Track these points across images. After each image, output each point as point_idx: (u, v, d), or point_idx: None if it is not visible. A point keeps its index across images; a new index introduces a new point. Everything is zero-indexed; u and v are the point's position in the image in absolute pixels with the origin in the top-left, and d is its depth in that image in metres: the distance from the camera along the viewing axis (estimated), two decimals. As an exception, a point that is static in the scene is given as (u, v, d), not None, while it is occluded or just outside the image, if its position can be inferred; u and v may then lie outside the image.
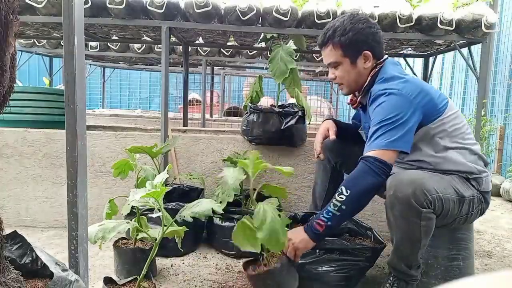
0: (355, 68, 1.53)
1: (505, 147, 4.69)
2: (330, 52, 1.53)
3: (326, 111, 7.09)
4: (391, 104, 1.38)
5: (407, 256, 1.40)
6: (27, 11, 2.22)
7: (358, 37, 1.48)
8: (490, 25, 2.17)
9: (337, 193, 1.35)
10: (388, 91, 1.40)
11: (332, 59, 1.54)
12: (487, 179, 1.52)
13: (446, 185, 1.38)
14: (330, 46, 1.52)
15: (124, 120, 5.04)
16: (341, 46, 1.49)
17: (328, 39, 1.52)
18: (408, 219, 1.32)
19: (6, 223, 0.92)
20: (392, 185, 1.34)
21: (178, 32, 2.61)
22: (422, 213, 1.30)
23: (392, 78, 1.46)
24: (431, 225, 1.34)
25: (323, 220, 1.36)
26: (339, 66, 1.54)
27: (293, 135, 2.26)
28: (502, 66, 5.08)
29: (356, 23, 1.48)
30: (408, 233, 1.35)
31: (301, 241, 1.39)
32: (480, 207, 1.49)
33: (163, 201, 1.36)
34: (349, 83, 1.57)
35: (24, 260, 1.08)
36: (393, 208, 1.34)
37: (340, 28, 1.49)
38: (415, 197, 1.29)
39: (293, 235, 1.41)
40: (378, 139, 1.35)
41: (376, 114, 1.40)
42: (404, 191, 1.30)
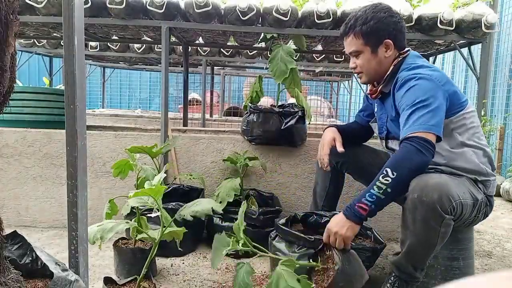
0: (376, 57, 1.54)
1: (505, 147, 4.69)
2: (352, 41, 1.54)
3: (326, 111, 7.09)
4: (423, 87, 1.37)
5: (417, 260, 1.38)
6: (27, 11, 2.22)
7: (379, 26, 1.49)
8: (490, 25, 2.17)
9: (381, 175, 1.29)
10: (418, 75, 1.40)
11: (354, 48, 1.55)
12: (494, 182, 1.52)
13: (465, 190, 1.37)
14: (351, 35, 1.54)
15: (124, 120, 5.05)
16: (362, 34, 1.51)
17: (350, 28, 1.54)
18: (429, 224, 1.28)
19: (6, 223, 0.92)
20: (416, 188, 1.29)
21: (178, 32, 2.61)
22: (444, 220, 1.27)
23: (420, 66, 1.48)
24: (448, 231, 1.32)
25: (366, 204, 1.30)
26: (360, 54, 1.55)
27: (293, 135, 2.26)
28: (502, 66, 5.08)
29: (378, 12, 1.51)
30: (425, 237, 1.31)
31: (348, 229, 1.32)
32: (485, 210, 1.49)
33: (162, 201, 1.36)
34: (369, 71, 1.57)
35: (24, 260, 1.08)
36: (415, 211, 1.29)
37: (361, 17, 1.51)
38: (441, 203, 1.26)
39: (337, 226, 1.34)
40: (419, 120, 1.33)
41: (408, 97, 1.39)
42: (430, 196, 1.26)
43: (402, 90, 1.43)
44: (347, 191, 2.37)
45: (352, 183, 2.30)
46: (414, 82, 1.39)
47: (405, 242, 1.37)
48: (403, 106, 1.40)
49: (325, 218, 1.86)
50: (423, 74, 1.40)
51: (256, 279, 1.73)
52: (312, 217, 1.88)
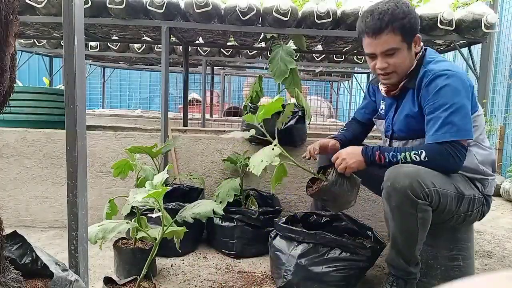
0: (410, 53, 1.46)
1: (505, 147, 4.69)
2: (389, 37, 1.41)
3: (326, 111, 7.10)
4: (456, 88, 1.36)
5: (404, 250, 1.40)
6: (27, 11, 2.22)
7: (414, 21, 1.42)
8: (490, 25, 2.17)
9: (414, 150, 1.37)
10: (449, 72, 1.37)
11: (391, 45, 1.42)
12: (493, 182, 1.52)
13: (445, 181, 1.38)
14: (390, 31, 1.40)
15: (124, 120, 5.05)
16: (402, 30, 1.40)
17: (387, 23, 1.39)
18: (404, 210, 1.33)
19: (6, 223, 0.92)
20: (390, 177, 1.36)
21: (178, 32, 2.61)
22: (418, 204, 1.31)
23: (444, 60, 1.46)
24: (427, 217, 1.34)
25: (385, 158, 1.42)
26: (396, 53, 1.43)
27: (293, 135, 2.26)
28: (502, 66, 5.08)
29: (409, 6, 1.43)
30: (404, 224, 1.35)
31: (355, 162, 1.47)
32: (481, 208, 1.49)
33: (163, 201, 1.36)
34: (403, 70, 1.47)
35: (24, 260, 1.08)
36: (389, 198, 1.35)
37: (398, 11, 1.39)
38: (412, 188, 1.30)
39: (348, 155, 1.49)
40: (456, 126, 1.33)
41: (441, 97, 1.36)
42: (402, 183, 1.31)
43: (432, 87, 1.39)
44: (347, 191, 2.36)
45: (352, 183, 2.30)
46: (446, 81, 1.36)
47: (390, 233, 1.42)
48: (435, 106, 1.37)
49: (325, 218, 1.86)
50: (452, 71, 1.38)
51: (256, 279, 1.73)
52: (312, 217, 1.88)
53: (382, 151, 1.44)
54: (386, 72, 1.48)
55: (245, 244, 1.97)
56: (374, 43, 1.43)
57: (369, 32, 1.43)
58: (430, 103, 1.39)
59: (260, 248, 1.99)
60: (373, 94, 1.78)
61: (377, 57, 1.47)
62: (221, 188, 2.06)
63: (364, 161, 1.47)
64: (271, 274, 1.76)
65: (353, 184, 1.55)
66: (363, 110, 1.84)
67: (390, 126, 1.63)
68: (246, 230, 1.96)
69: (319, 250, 1.56)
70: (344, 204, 1.58)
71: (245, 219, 1.96)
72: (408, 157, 1.38)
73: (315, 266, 1.55)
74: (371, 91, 1.79)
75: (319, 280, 1.54)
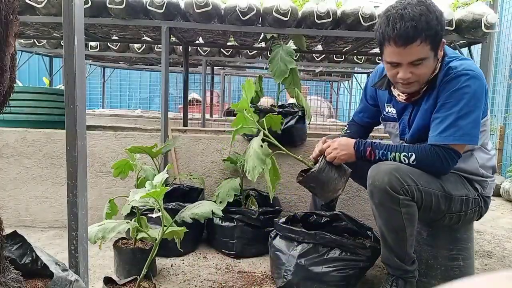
0: (435, 61, 1.36)
1: (505, 147, 4.69)
2: (421, 47, 1.28)
3: (326, 111, 7.10)
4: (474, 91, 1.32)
5: (395, 248, 1.40)
6: (27, 11, 2.22)
7: (441, 27, 1.30)
8: (490, 25, 2.17)
9: (404, 152, 1.39)
10: (471, 73, 1.33)
11: (421, 55, 1.30)
12: (492, 184, 1.52)
13: (428, 179, 1.37)
14: (422, 41, 1.27)
15: (124, 120, 5.04)
16: (434, 38, 1.28)
17: (421, 32, 1.25)
18: (387, 206, 1.35)
19: (6, 223, 0.92)
20: (371, 175, 1.38)
21: (178, 32, 2.61)
22: (399, 200, 1.32)
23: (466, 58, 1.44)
24: (412, 212, 1.35)
25: (375, 155, 1.44)
26: (423, 62, 1.31)
27: (293, 135, 2.26)
28: (502, 66, 5.08)
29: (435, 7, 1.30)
30: (390, 220, 1.37)
31: (345, 154, 1.50)
32: (478, 209, 1.49)
33: (163, 201, 1.36)
34: (425, 78, 1.37)
35: (24, 260, 1.08)
36: (372, 196, 1.38)
37: (432, 17, 1.25)
38: (391, 184, 1.31)
39: (340, 146, 1.51)
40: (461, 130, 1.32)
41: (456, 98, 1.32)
42: (381, 180, 1.33)
43: (452, 84, 1.34)
44: (347, 191, 2.37)
45: (352, 183, 2.30)
46: (467, 82, 1.32)
47: (379, 232, 1.44)
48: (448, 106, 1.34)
49: (325, 218, 1.86)
50: (475, 72, 1.34)
51: (256, 279, 1.73)
52: (312, 217, 1.88)
53: (373, 147, 1.45)
54: (408, 82, 1.37)
55: (245, 244, 1.97)
56: (402, 53, 1.30)
57: (398, 41, 1.27)
58: (443, 100, 1.35)
59: (260, 248, 1.99)
60: (372, 98, 1.72)
61: (400, 65, 1.34)
62: (221, 188, 2.06)
63: (355, 154, 1.49)
64: (271, 274, 1.76)
65: (342, 173, 1.60)
66: (361, 114, 1.81)
67: (406, 129, 1.56)
68: (246, 230, 1.96)
69: (319, 250, 1.56)
70: (332, 191, 1.60)
71: (245, 219, 1.96)
72: (398, 158, 1.40)
73: (315, 266, 1.55)
74: (370, 95, 1.72)
75: (319, 280, 1.54)
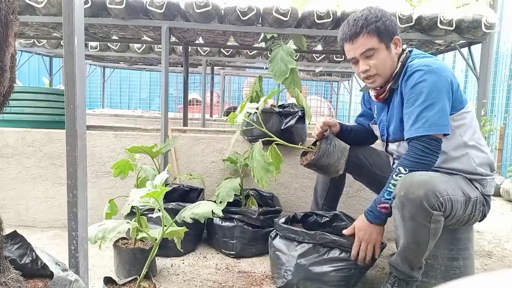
0: (390, 54, 1.51)
1: (505, 147, 4.69)
2: (365, 40, 1.48)
3: (326, 111, 7.10)
4: (432, 82, 1.38)
5: (412, 258, 1.38)
6: (27, 11, 2.22)
7: (389, 23, 1.49)
8: (490, 25, 2.17)
9: (395, 173, 1.40)
10: (427, 67, 1.40)
11: (368, 46, 1.49)
12: (492, 182, 1.52)
13: (454, 186, 1.37)
14: (364, 34, 1.48)
15: (124, 120, 5.05)
16: (377, 31, 1.47)
17: (362, 27, 1.48)
18: (417, 221, 1.30)
19: (6, 223, 0.92)
20: (403, 186, 1.32)
21: (178, 32, 2.61)
22: (432, 216, 1.28)
23: (429, 56, 1.49)
24: (439, 228, 1.32)
25: (386, 202, 1.41)
26: (375, 53, 1.49)
27: (293, 135, 2.26)
28: (502, 66, 5.08)
29: (382, 10, 1.51)
30: (416, 235, 1.32)
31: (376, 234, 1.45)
32: (482, 209, 1.49)
33: (163, 201, 1.36)
34: (384, 71, 1.52)
35: (24, 260, 1.08)
36: (403, 209, 1.32)
37: (371, 16, 1.48)
38: (427, 199, 1.27)
39: (366, 235, 1.46)
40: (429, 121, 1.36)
41: (416, 92, 1.40)
42: (416, 193, 1.28)
43: (410, 81, 1.42)
44: (347, 191, 2.37)
45: (352, 183, 2.30)
46: (424, 76, 1.39)
47: (398, 241, 1.39)
48: (411, 101, 1.41)
49: (325, 218, 1.86)
50: (431, 67, 1.40)
51: (256, 279, 1.73)
52: (312, 217, 1.88)
53: (379, 203, 1.43)
54: (368, 75, 1.53)
55: (245, 244, 1.97)
56: (353, 48, 1.51)
57: (347, 38, 1.52)
58: (407, 97, 1.43)
59: (260, 248, 1.99)
60: (368, 102, 1.83)
61: (358, 61, 1.53)
62: (221, 188, 2.06)
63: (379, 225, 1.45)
64: (271, 274, 1.76)
65: (341, 153, 1.68)
66: (362, 118, 1.90)
67: (385, 130, 1.65)
68: (246, 230, 1.96)
69: (319, 250, 1.56)
70: (334, 173, 1.73)
71: (245, 219, 1.96)
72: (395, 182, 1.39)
73: (315, 266, 1.55)
74: (366, 99, 1.84)
75: (319, 280, 1.54)
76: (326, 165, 1.67)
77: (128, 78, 10.25)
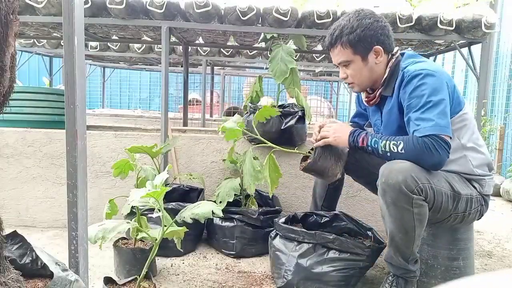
0: (366, 65, 1.51)
1: (505, 147, 4.69)
2: (340, 51, 1.51)
3: (326, 111, 7.10)
4: (432, 85, 1.37)
5: (402, 247, 1.39)
6: (27, 11, 2.22)
7: (366, 33, 1.46)
8: (490, 25, 2.17)
9: (393, 141, 1.38)
10: (425, 71, 1.38)
11: (343, 58, 1.52)
12: (490, 182, 1.52)
13: (439, 178, 1.38)
14: (339, 45, 1.50)
15: (124, 120, 5.05)
16: (351, 44, 1.48)
17: (336, 39, 1.50)
18: (399, 206, 1.33)
19: (6, 223, 0.92)
20: (383, 173, 1.36)
21: (178, 32, 2.61)
22: (413, 199, 1.31)
23: (424, 61, 1.48)
24: (423, 213, 1.34)
25: (368, 140, 1.46)
26: (350, 64, 1.52)
27: (293, 135, 2.26)
28: (502, 66, 5.08)
29: (362, 19, 1.47)
30: (401, 221, 1.35)
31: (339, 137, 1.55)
32: (480, 208, 1.49)
33: (163, 201, 1.36)
34: (361, 81, 1.55)
35: (24, 260, 1.08)
36: (384, 195, 1.36)
37: (347, 26, 1.47)
38: (406, 183, 1.30)
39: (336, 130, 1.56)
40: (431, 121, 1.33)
41: (417, 96, 1.38)
42: (395, 178, 1.32)
43: (409, 87, 1.41)
44: (347, 191, 2.37)
45: (352, 183, 2.30)
46: (422, 80, 1.38)
47: (387, 231, 1.42)
48: (412, 107, 1.39)
49: (325, 218, 1.86)
50: (429, 70, 1.39)
51: (256, 279, 1.73)
52: (312, 217, 1.88)
53: (368, 135, 1.47)
54: (347, 82, 1.59)
55: (245, 244, 1.97)
56: (332, 56, 1.58)
57: (326, 46, 1.59)
58: (407, 103, 1.42)
59: (260, 248, 1.99)
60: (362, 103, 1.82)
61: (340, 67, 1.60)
62: (221, 188, 2.06)
63: (348, 139, 1.52)
64: (271, 274, 1.76)
65: (338, 157, 1.66)
66: (357, 118, 1.91)
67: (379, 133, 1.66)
68: (246, 230, 1.96)
69: (319, 250, 1.56)
70: (330, 176, 1.70)
71: (245, 219, 1.96)
72: (388, 146, 1.40)
73: (315, 266, 1.55)
74: (360, 100, 1.85)
75: (319, 280, 1.54)
76: (323, 169, 1.65)
77: (128, 78, 10.24)
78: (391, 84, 1.52)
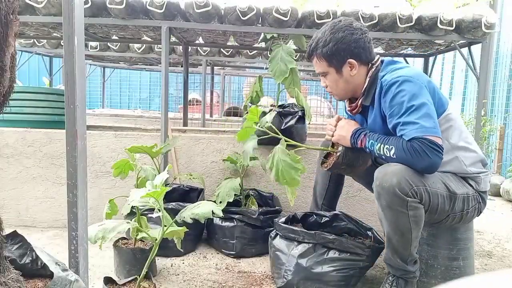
0: (341, 77, 1.54)
1: (505, 147, 4.69)
2: (316, 63, 1.56)
3: (326, 111, 7.10)
4: (410, 91, 1.36)
5: (400, 249, 1.40)
6: (27, 11, 2.22)
7: (339, 47, 1.48)
8: (490, 25, 2.17)
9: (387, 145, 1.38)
10: (401, 78, 1.38)
11: (320, 70, 1.57)
12: (486, 178, 1.52)
13: (435, 180, 1.38)
14: (315, 57, 1.56)
15: (124, 120, 5.05)
16: (324, 57, 1.52)
17: (312, 51, 1.56)
18: (395, 209, 1.33)
19: (6, 223, 0.92)
20: (378, 177, 1.37)
21: (178, 32, 2.61)
22: (408, 202, 1.31)
23: (400, 68, 1.48)
24: (419, 215, 1.34)
25: (365, 144, 1.48)
26: (327, 75, 1.57)
27: (293, 135, 2.25)
28: (502, 66, 5.08)
29: (336, 33, 1.48)
30: (397, 223, 1.35)
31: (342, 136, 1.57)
32: (477, 206, 1.49)
33: (163, 201, 1.36)
34: (338, 91, 1.59)
35: (24, 260, 1.08)
36: (380, 198, 1.36)
37: (321, 40, 1.51)
38: (400, 186, 1.30)
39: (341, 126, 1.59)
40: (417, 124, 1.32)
41: (397, 104, 1.37)
42: (389, 181, 1.32)
43: (388, 96, 1.41)
44: (347, 191, 2.37)
45: (352, 183, 2.30)
46: (400, 87, 1.37)
47: (385, 233, 1.42)
48: (394, 114, 1.38)
49: (325, 218, 1.86)
50: (405, 76, 1.39)
51: (256, 279, 1.73)
52: (312, 217, 1.88)
53: (368, 136, 1.48)
54: (327, 91, 1.63)
55: (245, 244, 1.97)
56: (313, 65, 1.61)
57: (306, 57, 1.63)
58: (389, 111, 1.41)
59: (260, 248, 1.99)
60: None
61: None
62: (221, 188, 2.06)
63: (350, 139, 1.54)
64: (271, 274, 1.76)
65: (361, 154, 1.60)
66: None
67: None
68: (246, 230, 1.96)
69: (319, 250, 1.56)
70: (363, 164, 1.65)
71: (245, 219, 1.96)
72: (382, 150, 1.40)
73: (315, 266, 1.55)
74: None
75: (319, 280, 1.54)
76: (353, 160, 1.59)
77: (128, 78, 10.24)
78: (370, 93, 1.53)
